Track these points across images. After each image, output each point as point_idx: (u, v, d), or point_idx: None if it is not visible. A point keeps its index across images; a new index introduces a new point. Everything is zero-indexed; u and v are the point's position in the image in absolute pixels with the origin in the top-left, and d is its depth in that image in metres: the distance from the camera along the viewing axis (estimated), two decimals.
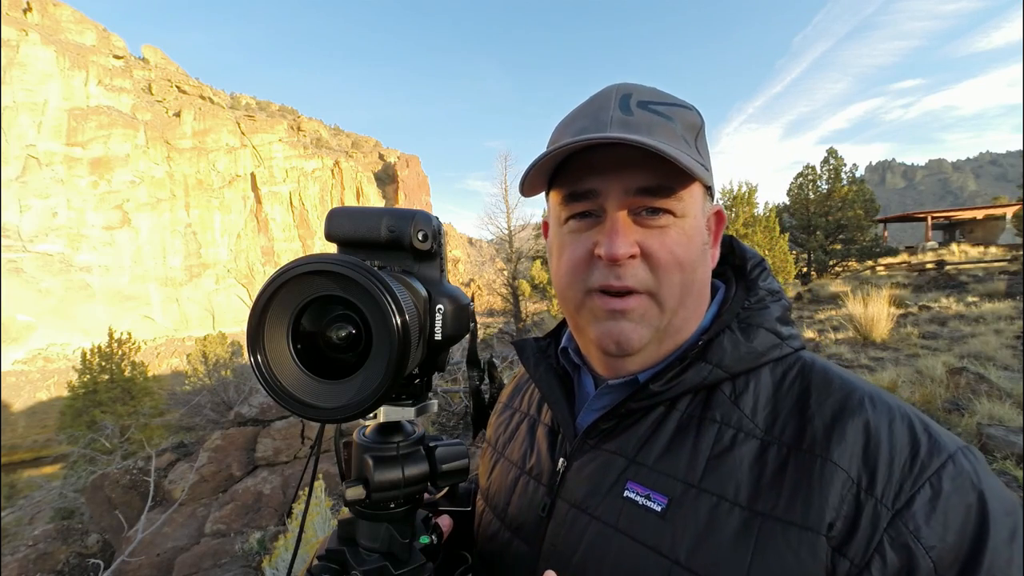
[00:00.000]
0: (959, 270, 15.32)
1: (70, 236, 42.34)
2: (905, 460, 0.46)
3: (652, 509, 0.52)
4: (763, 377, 0.56)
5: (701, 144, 0.59)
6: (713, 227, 0.63)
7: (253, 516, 7.17)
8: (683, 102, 0.60)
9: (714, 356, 0.56)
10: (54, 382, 36.20)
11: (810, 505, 0.46)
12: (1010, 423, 4.01)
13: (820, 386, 0.53)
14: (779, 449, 0.50)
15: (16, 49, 41.57)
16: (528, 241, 21.39)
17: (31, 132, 41.54)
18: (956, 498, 0.44)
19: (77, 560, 7.91)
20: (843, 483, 0.46)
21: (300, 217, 59.48)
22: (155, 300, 46.51)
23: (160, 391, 18.85)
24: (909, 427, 0.48)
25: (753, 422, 0.53)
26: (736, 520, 0.48)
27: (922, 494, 0.44)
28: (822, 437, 0.49)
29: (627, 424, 0.59)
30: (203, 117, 52.66)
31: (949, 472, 0.45)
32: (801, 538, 0.45)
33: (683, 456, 0.54)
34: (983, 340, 6.86)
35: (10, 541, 9.02)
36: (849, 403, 0.50)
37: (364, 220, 0.59)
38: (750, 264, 0.65)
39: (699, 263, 0.58)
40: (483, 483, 0.80)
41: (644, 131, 0.55)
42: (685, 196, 0.56)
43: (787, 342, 0.58)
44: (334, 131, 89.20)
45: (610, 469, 0.58)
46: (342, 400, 0.43)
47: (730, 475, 0.50)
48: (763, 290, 0.62)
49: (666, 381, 0.56)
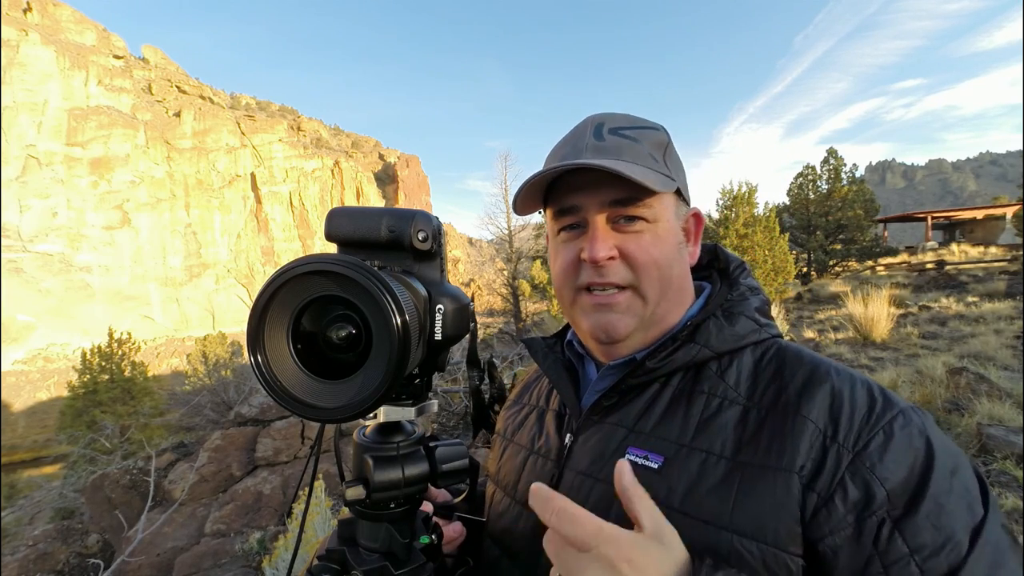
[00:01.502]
0: (959, 270, 15.32)
1: (70, 236, 42.33)
2: (863, 414, 0.55)
3: (650, 467, 0.60)
4: (745, 356, 0.65)
5: (670, 157, 0.70)
6: (693, 228, 0.74)
7: (253, 516, 7.17)
8: (651, 124, 0.71)
9: (702, 338, 0.65)
10: (54, 382, 36.20)
11: (784, 451, 0.54)
12: (1010, 423, 4.01)
13: (793, 361, 0.62)
14: (758, 412, 0.59)
15: (16, 49, 41.57)
16: (528, 241, 21.40)
17: (31, 132, 41.54)
18: (905, 441, 0.52)
19: (77, 560, 7.91)
20: (811, 432, 0.54)
21: (300, 217, 59.48)
22: (155, 300, 46.51)
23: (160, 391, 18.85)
24: (868, 390, 0.57)
25: (736, 392, 0.61)
26: (722, 470, 0.56)
27: (877, 439, 0.52)
28: (794, 398, 0.57)
29: (627, 400, 0.68)
30: (203, 117, 52.66)
31: (899, 422, 0.53)
32: (776, 477, 0.53)
33: (676, 422, 0.62)
34: (983, 340, 6.86)
35: (10, 541, 9.02)
36: (817, 372, 0.59)
37: (364, 220, 0.59)
38: (732, 265, 0.76)
39: (674, 260, 0.68)
40: (492, 469, 0.87)
41: (613, 154, 0.66)
42: (655, 204, 0.66)
43: (765, 328, 0.68)
44: (334, 131, 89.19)
45: (612, 438, 0.66)
46: (342, 400, 0.43)
47: (717, 434, 0.59)
48: (744, 286, 0.72)
49: (660, 359, 0.65)
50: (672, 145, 0.72)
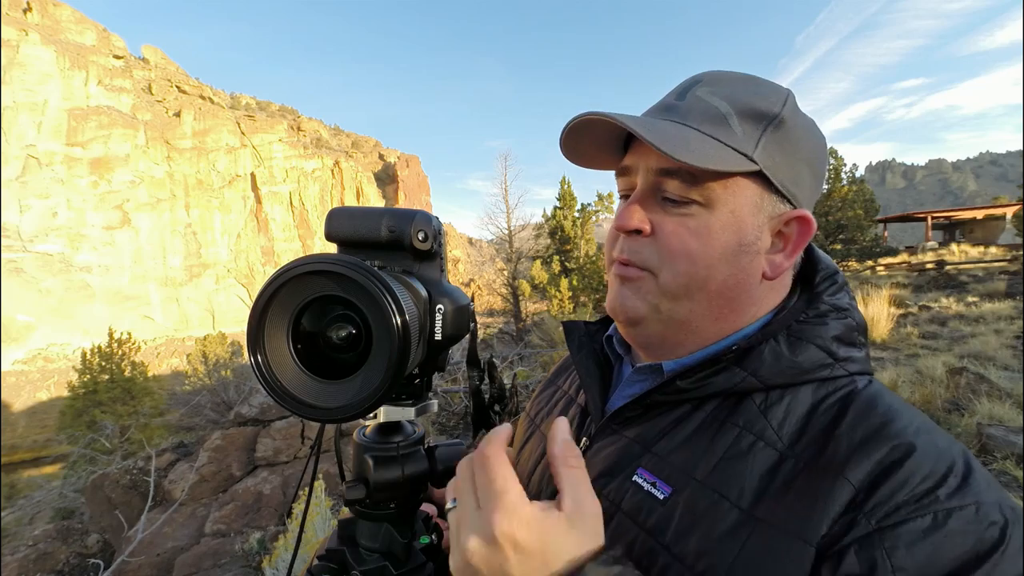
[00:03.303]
0: (959, 270, 15.32)
1: (70, 236, 42.34)
2: (918, 488, 0.42)
3: (655, 495, 0.52)
4: (801, 394, 0.52)
5: (774, 135, 0.54)
6: (794, 234, 0.57)
7: (253, 516, 7.18)
8: (765, 90, 0.57)
9: (751, 364, 0.53)
10: (54, 382, 36.20)
11: (810, 517, 0.43)
12: (1010, 423, 4.01)
13: (862, 410, 0.49)
14: (795, 463, 0.47)
15: (16, 49, 41.57)
16: (528, 241, 21.39)
17: (31, 132, 41.54)
18: (959, 540, 0.39)
19: (77, 560, 7.91)
20: (847, 497, 0.43)
21: (300, 217, 59.49)
22: (155, 300, 46.51)
23: (160, 391, 18.84)
24: (948, 464, 0.43)
25: (777, 435, 0.50)
26: (732, 519, 0.47)
27: (918, 522, 0.40)
28: (843, 455, 0.45)
29: (652, 415, 0.59)
30: (203, 117, 52.66)
31: (967, 514, 0.40)
32: (791, 546, 0.43)
33: (697, 453, 0.53)
34: (983, 340, 6.86)
35: (10, 541, 9.02)
36: (887, 429, 0.46)
37: (364, 220, 0.59)
38: (819, 276, 0.60)
39: (720, 262, 0.55)
40: (513, 456, 0.81)
41: (679, 116, 0.56)
42: (716, 186, 0.54)
43: (841, 364, 0.53)
44: (334, 131, 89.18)
45: (626, 454, 0.58)
46: (342, 400, 0.43)
47: (738, 478, 0.49)
48: (827, 304, 0.57)
49: (695, 380, 0.55)
50: (786, 121, 0.55)
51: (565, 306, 15.04)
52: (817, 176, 0.59)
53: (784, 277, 0.60)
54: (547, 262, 18.29)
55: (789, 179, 0.55)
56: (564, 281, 15.66)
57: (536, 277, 17.49)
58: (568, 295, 15.28)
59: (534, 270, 18.05)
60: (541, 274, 17.24)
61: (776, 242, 0.57)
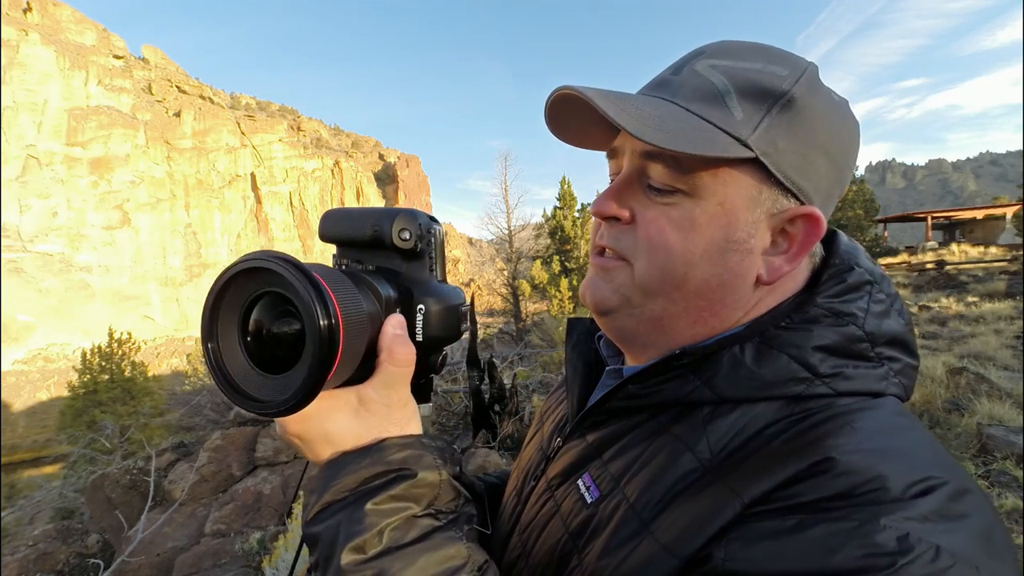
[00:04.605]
0: (959, 270, 15.33)
1: (70, 236, 42.37)
2: (808, 496, 0.37)
3: (585, 500, 0.51)
4: (760, 410, 0.45)
5: (781, 117, 0.46)
6: (799, 234, 0.49)
7: (253, 516, 7.18)
8: (772, 65, 0.48)
9: (706, 372, 0.47)
10: (54, 382, 36.21)
11: (687, 535, 0.40)
12: (1010, 423, 4.01)
13: (824, 435, 0.40)
14: (707, 478, 0.43)
15: (16, 49, 41.59)
16: (528, 241, 21.40)
17: (31, 132, 41.57)
18: (812, 552, 0.34)
19: (77, 560, 7.91)
20: (732, 515, 0.39)
21: (300, 217, 59.53)
22: (155, 300, 46.54)
23: (160, 391, 18.86)
24: (883, 483, 0.36)
25: (710, 449, 0.45)
26: (630, 530, 0.44)
27: (776, 522, 0.37)
28: (751, 471, 0.41)
29: (614, 421, 0.55)
30: (203, 117, 52.70)
31: (860, 532, 0.33)
32: (664, 561, 0.40)
33: (628, 459, 0.50)
34: (983, 340, 6.87)
35: (10, 541, 9.02)
36: (820, 444, 0.40)
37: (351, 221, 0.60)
38: (827, 273, 0.50)
39: (702, 259, 0.48)
40: (520, 454, 0.81)
41: (668, 93, 0.49)
42: (704, 175, 0.47)
43: (822, 379, 0.44)
44: (334, 131, 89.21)
45: (580, 458, 0.56)
46: (274, 395, 0.42)
47: (653, 489, 0.45)
48: (820, 308, 0.48)
49: (646, 385, 0.50)
50: (797, 101, 0.46)
51: (565, 306, 15.06)
52: (838, 167, 0.50)
53: (787, 281, 0.51)
54: (547, 262, 18.29)
55: (795, 169, 0.47)
56: (564, 281, 15.67)
57: (536, 277, 17.49)
58: (568, 295, 15.30)
59: (534, 270, 18.06)
60: (541, 274, 17.24)
61: (779, 242, 0.49)
